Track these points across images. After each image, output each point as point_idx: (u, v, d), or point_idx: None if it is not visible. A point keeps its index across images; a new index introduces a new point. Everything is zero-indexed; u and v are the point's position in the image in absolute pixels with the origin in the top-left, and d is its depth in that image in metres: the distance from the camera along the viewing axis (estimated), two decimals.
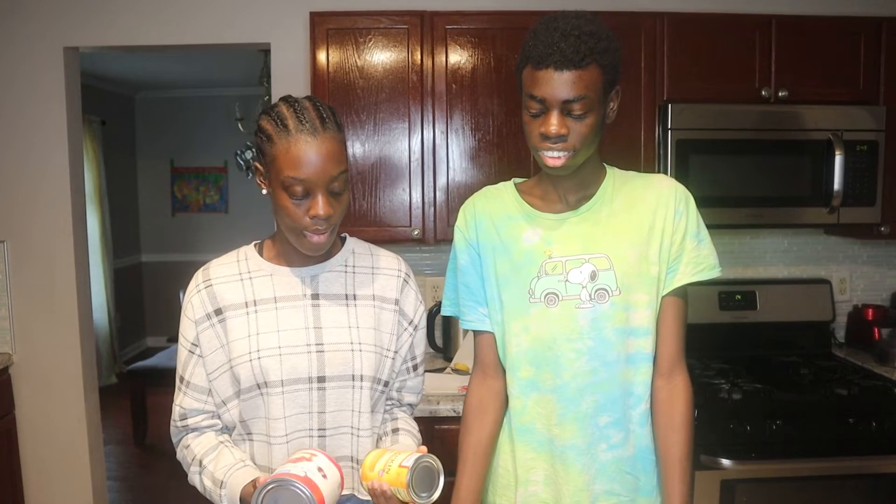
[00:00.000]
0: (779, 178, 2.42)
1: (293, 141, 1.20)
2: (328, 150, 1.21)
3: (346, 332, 1.33)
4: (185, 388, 1.33)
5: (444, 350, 2.69)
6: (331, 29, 2.42)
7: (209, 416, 1.34)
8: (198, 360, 1.32)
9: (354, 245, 1.42)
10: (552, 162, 1.27)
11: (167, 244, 7.00)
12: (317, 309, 1.33)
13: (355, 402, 1.32)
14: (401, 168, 2.47)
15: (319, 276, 1.35)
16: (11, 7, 2.70)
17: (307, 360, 1.29)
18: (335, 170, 1.22)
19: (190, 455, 1.32)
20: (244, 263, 1.36)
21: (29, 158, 2.75)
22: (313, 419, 1.30)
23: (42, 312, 2.80)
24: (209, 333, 1.31)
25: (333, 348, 1.31)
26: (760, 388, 2.25)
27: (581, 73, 1.21)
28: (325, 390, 1.30)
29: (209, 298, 1.32)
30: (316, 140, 1.20)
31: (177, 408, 1.34)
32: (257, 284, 1.33)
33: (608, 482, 1.35)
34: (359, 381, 1.32)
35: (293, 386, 1.28)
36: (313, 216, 1.22)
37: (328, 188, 1.22)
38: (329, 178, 1.21)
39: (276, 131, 1.22)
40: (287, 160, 1.20)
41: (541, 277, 1.34)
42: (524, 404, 1.38)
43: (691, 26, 2.43)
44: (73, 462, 2.84)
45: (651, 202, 1.35)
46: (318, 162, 1.20)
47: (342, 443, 1.32)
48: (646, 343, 1.34)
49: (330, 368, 1.30)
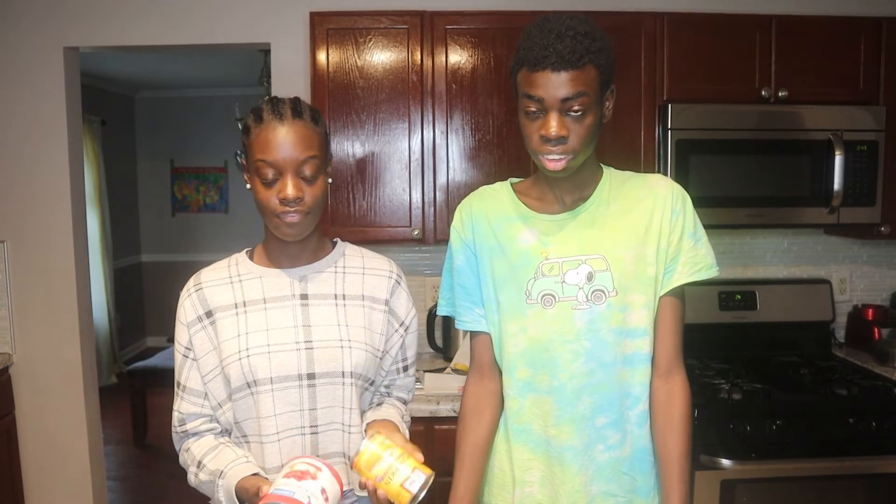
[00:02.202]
0: (779, 178, 2.42)
1: (264, 127, 1.26)
2: (297, 134, 1.25)
3: (336, 329, 1.33)
4: (182, 392, 1.34)
5: (444, 350, 2.69)
6: (331, 29, 2.42)
7: (207, 420, 1.34)
8: (192, 363, 1.34)
9: (345, 248, 1.44)
10: (553, 165, 1.27)
11: (167, 244, 7.00)
12: (306, 308, 1.34)
13: (345, 399, 1.32)
14: (401, 168, 2.47)
15: (308, 276, 1.36)
16: (11, 7, 2.70)
17: (296, 357, 1.30)
18: (302, 154, 1.25)
19: (190, 457, 1.33)
20: (234, 268, 1.38)
21: (29, 158, 2.75)
22: (305, 416, 1.30)
23: (42, 312, 2.80)
24: (201, 336, 1.33)
25: (322, 345, 1.32)
26: (760, 388, 2.25)
27: (578, 73, 1.21)
28: (315, 387, 1.30)
29: (200, 302, 1.34)
30: (284, 126, 1.25)
31: (176, 413, 1.36)
32: (247, 286, 1.35)
33: (605, 483, 1.35)
34: (348, 377, 1.32)
35: (283, 384, 1.29)
36: (282, 198, 1.25)
37: (298, 172, 1.25)
38: (297, 162, 1.25)
39: (253, 123, 1.28)
40: (258, 145, 1.26)
41: (537, 278, 1.34)
42: (521, 405, 1.38)
43: (691, 26, 2.43)
44: (73, 462, 2.84)
45: (648, 202, 1.35)
46: (285, 144, 1.24)
47: (334, 439, 1.33)
48: (643, 344, 1.34)
49: (319, 365, 1.31)
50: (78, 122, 2.85)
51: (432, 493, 1.24)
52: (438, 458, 2.15)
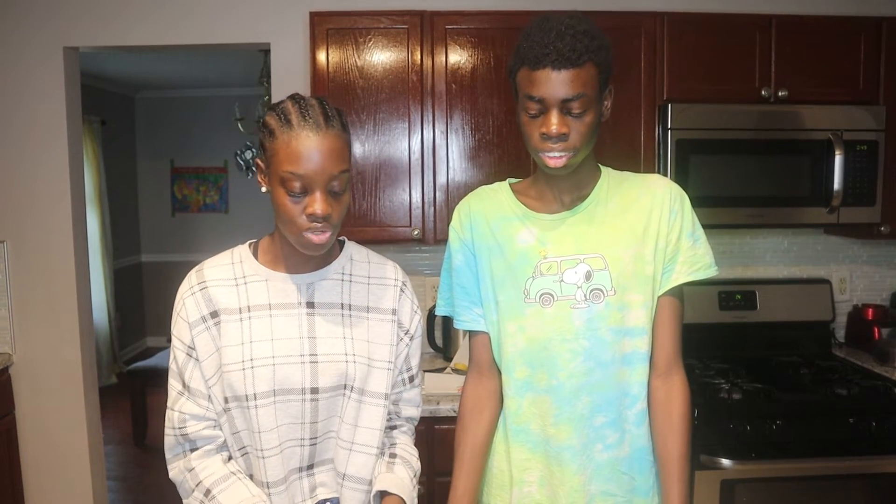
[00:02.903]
0: (779, 178, 2.42)
1: (294, 135, 1.17)
2: (330, 147, 1.18)
3: (341, 342, 1.30)
4: (185, 392, 1.28)
5: (444, 350, 2.69)
6: (331, 29, 2.42)
7: (211, 426, 1.28)
8: (195, 363, 1.28)
9: (353, 251, 1.39)
10: (553, 162, 1.27)
11: (167, 244, 7.00)
12: (311, 318, 1.30)
13: (343, 411, 1.30)
14: (401, 168, 2.47)
15: (316, 283, 1.32)
16: (11, 7, 2.70)
17: (300, 371, 1.26)
18: (336, 168, 1.18)
19: (194, 480, 1.26)
20: (239, 267, 1.32)
21: (29, 158, 2.75)
22: (305, 429, 1.28)
23: (42, 312, 2.80)
24: (205, 336, 1.27)
25: (327, 359, 1.28)
26: (760, 388, 2.25)
27: (578, 72, 1.21)
28: (318, 401, 1.28)
29: (204, 301, 1.28)
30: (318, 136, 1.17)
31: (175, 413, 1.27)
32: (252, 290, 1.29)
33: (604, 482, 1.35)
34: (349, 391, 1.30)
35: (285, 396, 1.25)
36: (310, 214, 1.18)
37: (327, 187, 1.19)
38: (329, 177, 1.18)
39: (278, 126, 1.19)
40: (287, 154, 1.17)
41: (536, 278, 1.34)
42: (519, 405, 1.39)
43: (691, 26, 2.43)
44: (73, 462, 2.84)
45: (646, 202, 1.35)
46: (318, 158, 1.16)
47: (328, 447, 1.32)
48: (641, 343, 1.34)
49: (323, 380, 1.27)
50: (78, 122, 2.85)
51: (432, 493, 1.24)
52: (438, 459, 2.16)
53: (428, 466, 2.10)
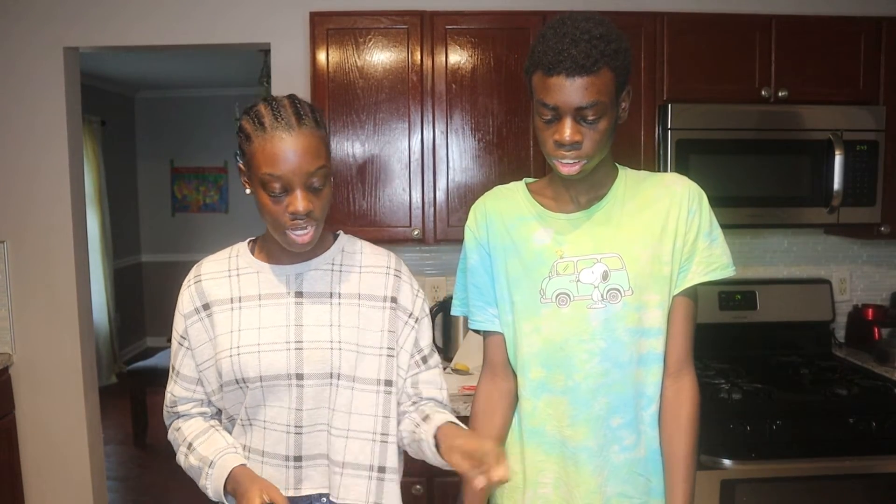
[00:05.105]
0: (779, 178, 2.42)
1: (268, 138, 1.21)
2: (304, 145, 1.21)
3: (328, 330, 1.32)
4: (175, 377, 1.39)
5: (444, 350, 2.69)
6: (331, 29, 2.42)
7: (198, 405, 1.39)
8: (186, 351, 1.36)
9: (345, 243, 1.41)
10: (567, 170, 1.27)
11: (167, 244, 7.00)
12: (299, 307, 1.33)
13: (331, 401, 1.31)
14: (401, 168, 2.47)
15: (305, 274, 1.35)
16: (11, 7, 2.70)
17: (285, 357, 1.30)
18: (312, 165, 1.22)
19: (180, 437, 1.37)
20: (234, 260, 1.38)
21: (29, 159, 2.75)
22: (291, 415, 1.30)
23: (42, 312, 2.80)
24: (198, 327, 1.35)
25: (312, 346, 1.31)
26: (760, 388, 2.25)
27: (593, 79, 1.20)
28: (303, 388, 1.30)
29: (198, 294, 1.36)
30: (291, 136, 1.20)
31: (168, 395, 1.40)
32: (244, 281, 1.35)
33: (621, 484, 1.35)
34: (336, 379, 1.31)
35: (272, 382, 1.30)
36: (292, 212, 1.22)
37: (306, 184, 1.22)
38: (306, 175, 1.21)
39: (253, 129, 1.23)
40: (263, 157, 1.21)
41: (552, 277, 1.34)
42: (535, 406, 1.38)
43: (691, 26, 2.43)
44: (73, 462, 2.84)
45: (664, 202, 1.35)
46: (293, 158, 1.20)
47: (318, 440, 1.32)
48: (658, 343, 1.34)
49: (308, 366, 1.30)
50: (78, 122, 2.85)
51: (432, 493, 1.24)
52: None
53: (428, 466, 2.10)
